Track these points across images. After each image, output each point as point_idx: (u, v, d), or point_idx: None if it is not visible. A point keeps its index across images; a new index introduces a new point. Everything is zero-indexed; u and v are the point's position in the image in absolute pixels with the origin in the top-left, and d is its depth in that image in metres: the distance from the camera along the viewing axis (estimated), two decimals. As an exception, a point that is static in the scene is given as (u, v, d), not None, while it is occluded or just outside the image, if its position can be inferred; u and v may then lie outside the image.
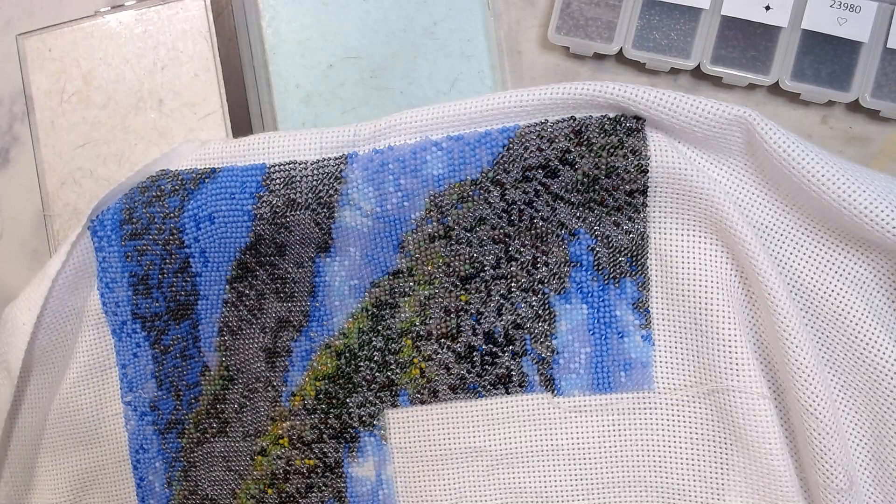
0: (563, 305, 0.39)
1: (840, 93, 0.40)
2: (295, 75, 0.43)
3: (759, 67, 0.41)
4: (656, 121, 0.36)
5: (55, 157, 0.44)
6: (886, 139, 0.42)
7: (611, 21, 0.42)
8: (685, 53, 0.41)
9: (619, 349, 0.39)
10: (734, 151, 0.37)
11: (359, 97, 0.43)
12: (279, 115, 0.43)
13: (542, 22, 0.44)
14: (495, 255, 0.39)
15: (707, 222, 0.37)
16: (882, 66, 0.40)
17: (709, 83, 0.43)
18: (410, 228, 0.39)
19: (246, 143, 0.40)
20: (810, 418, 0.35)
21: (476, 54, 0.43)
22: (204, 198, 0.39)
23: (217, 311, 0.41)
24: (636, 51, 0.42)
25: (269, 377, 0.41)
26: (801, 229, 0.37)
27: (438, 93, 0.43)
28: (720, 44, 0.41)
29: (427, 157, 0.38)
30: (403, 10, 0.43)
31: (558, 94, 0.37)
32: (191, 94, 0.43)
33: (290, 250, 0.40)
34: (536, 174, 0.38)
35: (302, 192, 0.39)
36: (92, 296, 0.41)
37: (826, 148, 0.36)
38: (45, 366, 0.41)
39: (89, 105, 0.44)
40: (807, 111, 0.42)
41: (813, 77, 0.41)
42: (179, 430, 0.41)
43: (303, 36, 0.43)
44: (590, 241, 0.38)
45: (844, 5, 0.40)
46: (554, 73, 0.44)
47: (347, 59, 0.43)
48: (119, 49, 0.44)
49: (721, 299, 0.37)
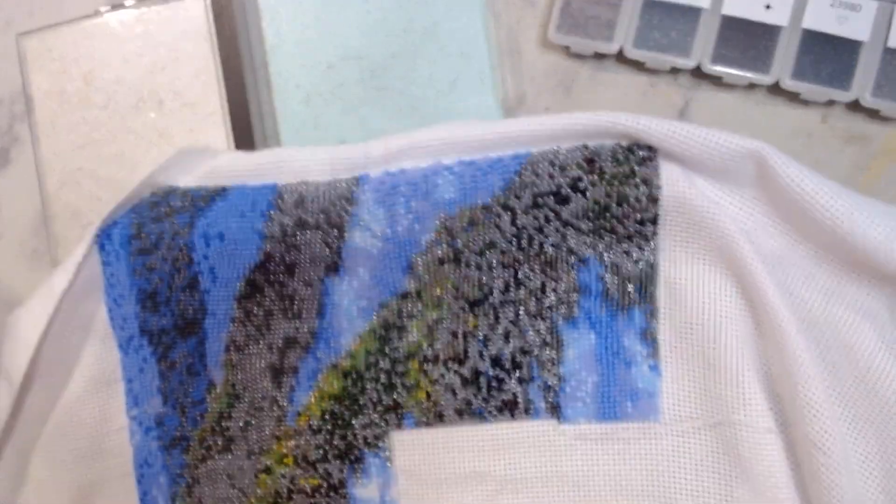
0: (570, 332, 0.39)
1: (840, 92, 0.40)
2: (295, 75, 0.43)
3: (759, 67, 0.41)
4: (669, 151, 0.36)
5: (55, 157, 0.44)
6: (886, 139, 0.42)
7: (611, 20, 0.42)
8: (685, 53, 0.41)
9: (626, 378, 0.38)
10: (746, 182, 0.37)
11: (359, 97, 0.43)
12: (279, 115, 0.43)
13: (542, 21, 0.44)
14: (504, 280, 0.39)
15: (717, 253, 0.37)
16: (882, 65, 0.40)
17: (709, 82, 0.43)
18: (420, 251, 0.39)
19: (257, 159, 0.39)
20: (818, 453, 0.34)
21: (476, 54, 0.43)
22: (214, 216, 0.39)
23: (224, 328, 0.40)
24: (636, 50, 0.42)
25: (274, 396, 0.41)
26: (813, 261, 0.37)
27: (438, 93, 0.43)
28: (720, 43, 0.41)
29: (438, 181, 0.38)
30: (403, 11, 0.43)
31: (570, 123, 0.37)
32: (191, 95, 0.43)
33: (299, 270, 0.40)
34: (547, 201, 0.38)
35: (313, 213, 0.39)
36: (98, 309, 0.41)
37: (837, 178, 0.36)
38: (49, 377, 0.41)
39: (89, 105, 0.44)
40: (807, 111, 0.42)
41: (813, 76, 0.41)
42: (184, 446, 0.41)
43: (303, 36, 0.43)
44: (599, 268, 0.38)
45: (845, 4, 0.40)
46: (554, 72, 0.44)
47: (348, 59, 0.43)
48: (119, 49, 0.44)
49: (730, 332, 0.37)
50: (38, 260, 0.48)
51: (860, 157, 0.42)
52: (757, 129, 0.42)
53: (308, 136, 0.43)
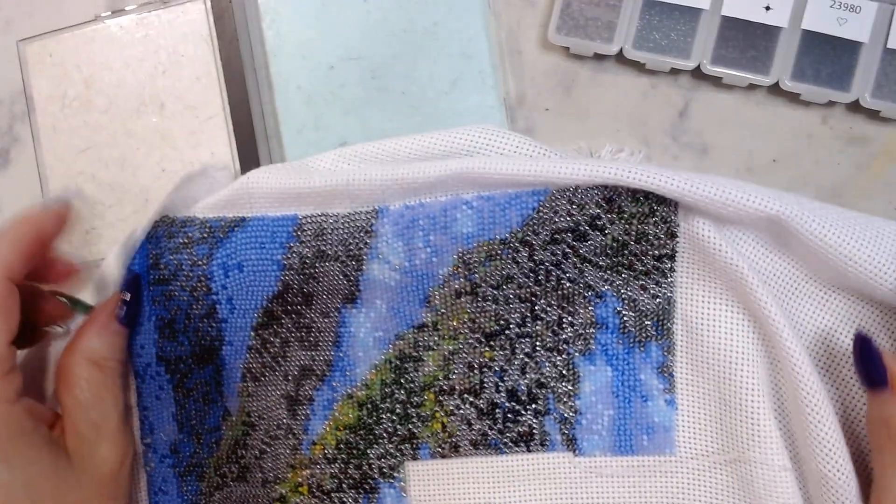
0: (587, 366, 0.39)
1: (840, 93, 0.40)
2: (296, 77, 0.43)
3: (759, 67, 0.41)
4: (688, 206, 0.36)
5: (57, 161, 0.44)
6: (886, 139, 0.42)
7: (611, 21, 0.42)
8: (685, 54, 0.41)
9: (643, 413, 0.38)
10: (762, 226, 0.37)
11: (360, 98, 0.43)
12: (281, 116, 0.43)
13: (542, 22, 0.44)
14: (521, 314, 0.39)
15: (732, 291, 0.37)
16: (882, 66, 0.40)
17: (709, 83, 0.43)
18: (437, 284, 0.39)
19: (276, 190, 0.39)
20: (830, 491, 0.34)
21: (477, 54, 0.43)
22: (233, 246, 0.39)
23: (241, 356, 0.40)
24: (636, 51, 0.42)
25: (290, 425, 0.41)
26: (827, 290, 0.37)
27: (439, 93, 0.43)
28: (720, 44, 0.41)
29: (457, 215, 0.38)
30: (404, 11, 0.43)
31: (588, 174, 0.36)
32: (192, 98, 0.43)
33: (317, 300, 0.40)
34: (565, 237, 0.38)
35: (332, 244, 0.39)
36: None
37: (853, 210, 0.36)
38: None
39: (91, 109, 0.44)
40: (807, 111, 0.42)
41: (813, 77, 0.41)
42: (199, 473, 0.41)
43: (303, 37, 0.43)
44: (616, 303, 0.38)
45: (844, 5, 0.40)
46: (554, 73, 0.44)
47: (348, 59, 0.43)
48: (120, 53, 0.44)
49: (746, 369, 0.36)
50: (39, 260, 0.49)
51: (860, 157, 0.42)
52: (757, 129, 0.43)
53: (309, 137, 0.43)
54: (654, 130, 0.43)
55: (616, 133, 0.44)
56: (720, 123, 0.43)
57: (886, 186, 0.42)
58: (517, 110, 0.45)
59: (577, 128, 0.44)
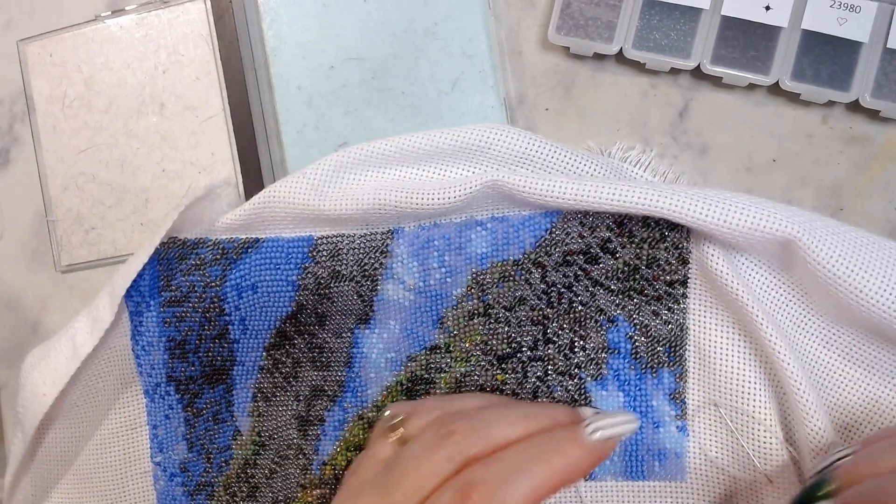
0: (599, 391, 0.38)
1: (840, 93, 0.40)
2: (296, 77, 0.43)
3: (759, 67, 0.41)
4: (699, 232, 0.36)
5: (57, 161, 0.44)
6: (886, 139, 0.42)
7: (611, 21, 0.42)
8: (685, 53, 0.41)
9: (654, 438, 0.38)
10: (772, 253, 0.37)
11: (361, 98, 0.43)
12: (281, 116, 0.43)
13: (542, 22, 0.44)
14: (533, 337, 0.39)
15: (743, 323, 0.37)
16: (882, 66, 0.40)
17: (709, 83, 0.43)
18: (451, 305, 0.39)
19: (290, 211, 0.39)
20: None
21: (477, 54, 0.43)
22: (247, 267, 0.39)
23: (252, 376, 0.41)
24: (636, 51, 0.42)
25: (300, 445, 0.41)
26: (834, 323, 0.37)
27: (440, 93, 0.43)
28: (720, 44, 0.41)
29: (472, 236, 0.38)
30: (404, 11, 0.43)
31: (599, 203, 0.36)
32: (192, 98, 0.43)
33: (331, 320, 0.40)
34: (577, 259, 0.37)
35: (347, 265, 0.39)
36: (125, 356, 0.41)
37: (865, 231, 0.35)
38: (73, 419, 0.41)
39: (91, 110, 0.44)
40: (807, 111, 0.42)
41: (813, 77, 0.41)
42: (209, 492, 0.41)
43: (304, 38, 0.43)
44: (628, 328, 0.38)
45: (844, 5, 0.40)
46: (554, 72, 0.44)
47: (349, 60, 0.43)
48: (120, 53, 0.44)
49: (758, 398, 0.36)
50: (38, 260, 0.49)
51: (860, 157, 0.42)
52: (757, 129, 0.43)
53: (310, 138, 0.43)
54: (653, 130, 0.43)
55: (616, 133, 0.44)
56: (720, 123, 0.43)
57: (886, 186, 0.42)
58: (517, 110, 0.44)
59: (577, 128, 0.44)
